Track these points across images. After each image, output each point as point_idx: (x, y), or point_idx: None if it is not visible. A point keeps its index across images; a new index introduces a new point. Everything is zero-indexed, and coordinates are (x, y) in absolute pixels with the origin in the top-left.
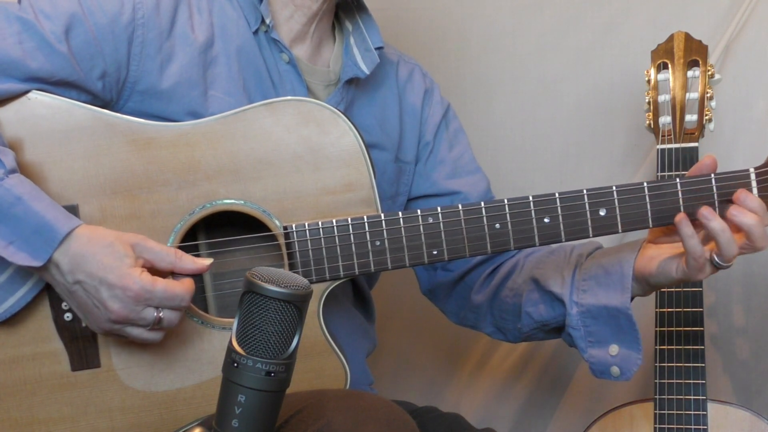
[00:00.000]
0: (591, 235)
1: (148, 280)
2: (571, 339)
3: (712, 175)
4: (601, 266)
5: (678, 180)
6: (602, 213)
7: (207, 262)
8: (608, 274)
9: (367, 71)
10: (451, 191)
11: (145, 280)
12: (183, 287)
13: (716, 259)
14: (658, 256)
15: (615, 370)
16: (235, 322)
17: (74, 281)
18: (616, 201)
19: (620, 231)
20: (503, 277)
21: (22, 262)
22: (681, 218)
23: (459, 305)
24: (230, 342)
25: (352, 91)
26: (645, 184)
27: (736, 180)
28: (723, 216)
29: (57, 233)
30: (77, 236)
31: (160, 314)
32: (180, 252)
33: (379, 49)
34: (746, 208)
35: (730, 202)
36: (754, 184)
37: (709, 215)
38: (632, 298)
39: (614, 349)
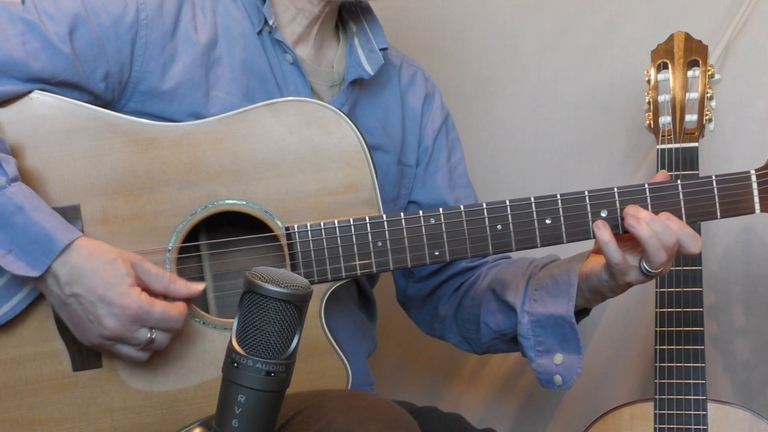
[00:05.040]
0: (592, 237)
1: (147, 301)
2: (522, 348)
3: (713, 177)
4: (552, 276)
5: (680, 182)
6: (604, 214)
7: (200, 287)
8: (557, 284)
9: (371, 72)
10: (444, 202)
11: (144, 301)
12: (178, 311)
13: (645, 266)
14: (595, 260)
15: (558, 378)
16: (235, 322)
17: (71, 294)
18: (617, 202)
19: (621, 232)
20: (467, 289)
21: (20, 271)
22: (598, 224)
23: (429, 316)
24: (230, 342)
25: (356, 92)
26: (647, 185)
27: (738, 182)
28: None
29: (56, 244)
30: (77, 248)
31: (153, 335)
32: (174, 276)
33: (383, 50)
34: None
35: (735, 205)
36: (755, 185)
37: (634, 223)
38: (586, 310)
39: (559, 357)
